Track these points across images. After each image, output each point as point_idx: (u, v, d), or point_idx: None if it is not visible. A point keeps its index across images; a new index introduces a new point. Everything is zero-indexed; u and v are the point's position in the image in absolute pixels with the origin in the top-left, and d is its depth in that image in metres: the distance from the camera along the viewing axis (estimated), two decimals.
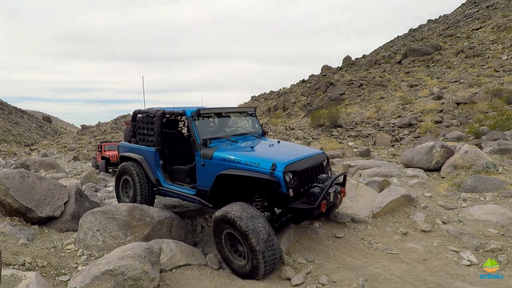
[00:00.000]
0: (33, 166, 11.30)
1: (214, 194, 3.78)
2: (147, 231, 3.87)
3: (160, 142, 4.55)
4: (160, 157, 4.58)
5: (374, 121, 17.63)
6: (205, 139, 3.96)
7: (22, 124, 64.66)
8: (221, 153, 3.76)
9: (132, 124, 5.05)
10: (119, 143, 5.64)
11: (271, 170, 3.24)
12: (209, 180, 3.73)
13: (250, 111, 5.07)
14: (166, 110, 4.58)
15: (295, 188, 3.34)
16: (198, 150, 3.95)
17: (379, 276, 3.06)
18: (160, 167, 4.57)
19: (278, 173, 3.23)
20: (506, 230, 3.87)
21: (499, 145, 7.05)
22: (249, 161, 3.48)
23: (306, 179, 3.55)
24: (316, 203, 3.24)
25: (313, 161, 3.76)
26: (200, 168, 3.91)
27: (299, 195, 3.43)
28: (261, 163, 3.39)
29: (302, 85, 36.36)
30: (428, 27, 45.67)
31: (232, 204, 3.28)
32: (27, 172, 4.61)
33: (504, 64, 21.94)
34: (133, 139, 5.03)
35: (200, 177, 3.96)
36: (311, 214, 3.31)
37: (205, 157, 3.84)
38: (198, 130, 4.03)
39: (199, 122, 4.13)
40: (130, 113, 5.64)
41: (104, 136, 37.72)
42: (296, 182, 3.37)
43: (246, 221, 3.01)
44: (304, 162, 3.59)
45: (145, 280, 2.67)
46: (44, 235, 4.10)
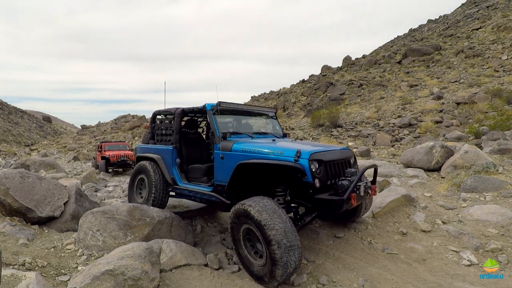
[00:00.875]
0: (33, 166, 11.31)
1: (232, 188, 3.59)
2: (147, 231, 3.87)
3: (178, 140, 4.48)
4: (178, 156, 4.48)
5: (374, 121, 17.63)
6: (225, 132, 3.86)
7: (22, 124, 64.66)
8: (241, 144, 3.60)
9: (151, 125, 5.00)
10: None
11: (295, 157, 3.03)
12: (228, 173, 3.54)
13: (271, 113, 4.91)
14: (186, 108, 4.51)
15: (322, 180, 3.08)
16: (217, 143, 3.80)
17: (379, 276, 3.06)
18: (177, 166, 4.46)
19: (303, 161, 3.00)
20: (506, 230, 3.87)
21: (499, 145, 7.05)
22: (271, 150, 3.28)
23: (333, 172, 3.30)
24: (345, 195, 2.95)
25: (340, 155, 3.52)
26: (219, 161, 3.74)
27: (326, 189, 3.14)
28: (285, 151, 3.19)
29: (302, 85, 36.37)
30: (428, 27, 45.67)
31: (251, 197, 3.09)
32: (27, 172, 4.60)
33: (504, 64, 21.94)
34: (151, 140, 4.97)
35: (218, 171, 3.77)
36: (339, 206, 2.96)
37: (224, 149, 3.69)
38: (218, 124, 3.91)
39: (219, 116, 4.01)
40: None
41: (104, 136, 37.72)
42: (323, 172, 3.12)
43: (260, 210, 2.80)
44: (330, 154, 3.36)
45: (145, 280, 2.67)
46: (44, 235, 4.10)
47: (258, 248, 3.04)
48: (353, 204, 3.03)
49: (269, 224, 2.72)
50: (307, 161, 2.99)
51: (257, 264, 2.98)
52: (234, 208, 3.09)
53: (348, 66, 34.80)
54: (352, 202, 2.99)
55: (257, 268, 2.98)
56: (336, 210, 3.01)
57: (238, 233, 3.13)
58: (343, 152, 3.65)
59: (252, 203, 2.93)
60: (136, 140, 33.21)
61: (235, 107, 4.25)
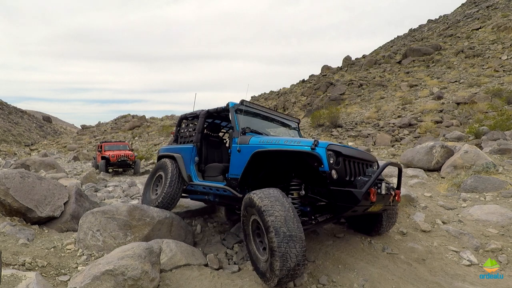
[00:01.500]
0: (33, 166, 11.31)
1: (246, 180, 3.55)
2: (147, 231, 3.87)
3: (199, 139, 4.56)
4: (197, 154, 4.54)
5: (374, 121, 17.63)
6: (244, 127, 3.85)
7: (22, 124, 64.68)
8: (259, 137, 3.61)
9: (176, 129, 5.15)
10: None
11: (312, 145, 2.97)
12: (242, 165, 3.53)
13: (294, 123, 4.89)
14: (210, 109, 4.57)
15: (339, 173, 2.96)
16: (235, 137, 3.81)
17: (380, 276, 3.06)
18: (195, 164, 4.51)
19: (320, 149, 2.94)
20: (506, 230, 3.87)
21: (499, 145, 7.05)
22: (288, 141, 3.25)
23: (352, 169, 3.17)
24: (364, 188, 2.79)
25: (362, 154, 3.41)
26: (235, 154, 3.73)
27: (344, 184, 3.00)
28: (302, 141, 3.17)
29: (302, 85, 36.37)
30: (428, 27, 45.68)
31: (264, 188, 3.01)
32: (27, 172, 4.60)
33: (504, 64, 21.95)
34: (174, 143, 5.09)
35: (234, 164, 3.75)
36: (356, 199, 2.78)
37: (242, 142, 3.68)
38: (238, 120, 3.93)
39: (241, 115, 4.02)
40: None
41: (104, 136, 37.74)
42: (341, 165, 3.00)
43: (262, 197, 2.75)
44: (350, 150, 3.24)
45: (145, 280, 2.67)
46: (44, 235, 4.10)
47: (264, 240, 2.95)
48: (372, 200, 2.81)
49: (269, 210, 2.64)
50: (324, 149, 2.93)
51: (263, 260, 2.91)
52: (245, 197, 3.05)
53: (348, 66, 34.81)
54: (372, 198, 2.80)
55: (262, 264, 2.91)
56: (353, 203, 2.80)
57: (248, 226, 3.09)
58: (365, 154, 3.54)
59: (257, 191, 2.91)
60: (136, 140, 33.22)
61: (258, 109, 4.30)
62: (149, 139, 32.53)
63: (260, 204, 2.73)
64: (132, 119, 43.27)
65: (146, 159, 22.24)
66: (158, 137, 31.64)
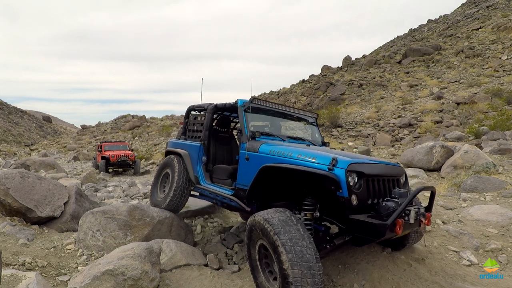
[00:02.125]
0: (33, 166, 11.31)
1: (254, 195, 3.20)
2: (147, 231, 3.87)
3: (207, 137, 4.21)
4: (204, 153, 4.20)
5: (374, 121, 17.63)
6: (254, 131, 3.45)
7: (22, 124, 64.68)
8: (269, 146, 3.19)
9: (184, 121, 4.81)
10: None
11: (330, 165, 2.53)
12: (252, 176, 3.14)
13: (311, 118, 4.45)
14: (219, 104, 4.23)
15: (361, 197, 2.54)
16: (244, 142, 3.43)
17: (380, 276, 3.06)
18: (202, 164, 4.18)
19: (339, 171, 2.50)
20: (506, 230, 3.87)
21: (499, 145, 7.05)
22: (302, 154, 2.82)
23: (376, 190, 2.72)
24: (389, 220, 2.37)
25: (388, 170, 2.94)
26: (243, 162, 3.37)
27: (365, 209, 2.60)
28: (318, 157, 2.70)
29: (302, 85, 36.37)
30: (428, 27, 45.68)
31: (267, 210, 2.68)
32: (27, 172, 4.61)
33: (504, 64, 21.95)
34: (182, 136, 4.77)
35: (242, 173, 3.40)
36: (380, 233, 2.39)
37: (251, 149, 3.30)
38: (248, 121, 3.53)
39: (251, 115, 3.61)
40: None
41: (104, 136, 37.74)
42: (363, 188, 2.57)
43: (277, 225, 2.40)
44: (375, 167, 2.82)
45: (145, 280, 2.67)
46: (44, 235, 4.10)
47: (273, 269, 2.63)
48: (398, 233, 2.43)
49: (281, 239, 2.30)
50: (344, 171, 2.48)
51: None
52: (248, 221, 2.74)
53: (348, 66, 34.81)
54: (397, 230, 2.41)
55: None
56: (375, 237, 2.45)
57: (255, 252, 2.76)
58: (392, 168, 3.07)
59: (264, 213, 2.59)
60: (136, 140, 33.22)
61: (270, 106, 3.88)
62: (149, 139, 32.53)
63: (273, 234, 2.37)
64: (132, 119, 43.28)
65: (146, 159, 22.24)
66: (158, 137, 31.64)
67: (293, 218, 2.50)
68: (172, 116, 45.66)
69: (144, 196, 8.08)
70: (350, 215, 2.50)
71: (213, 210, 5.56)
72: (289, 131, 4.20)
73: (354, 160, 2.65)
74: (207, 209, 5.44)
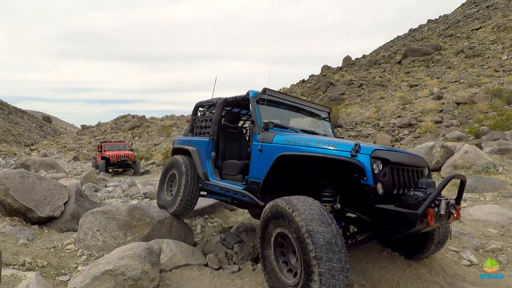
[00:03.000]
0: (33, 166, 11.31)
1: (268, 187, 3.05)
2: (147, 231, 3.87)
3: (216, 132, 4.06)
4: (213, 149, 4.06)
5: (374, 121, 17.63)
6: (267, 122, 3.30)
7: (22, 124, 64.69)
8: (284, 135, 3.04)
9: (192, 118, 4.66)
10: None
11: (352, 151, 2.38)
12: (266, 168, 2.99)
13: (324, 113, 4.29)
14: (228, 98, 4.08)
15: (386, 186, 2.37)
16: (256, 133, 3.28)
17: (380, 276, 3.06)
18: (211, 160, 4.03)
19: (363, 157, 2.34)
20: (506, 230, 3.88)
21: (499, 145, 7.05)
22: (321, 142, 2.66)
23: (401, 180, 2.56)
24: (420, 209, 2.21)
25: (412, 160, 2.79)
26: (256, 154, 3.20)
27: (391, 200, 2.43)
28: (339, 145, 2.55)
29: (302, 85, 36.37)
30: (428, 27, 45.68)
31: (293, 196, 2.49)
32: (27, 172, 4.61)
33: (504, 64, 21.95)
34: (189, 133, 4.62)
35: (255, 165, 3.24)
36: (410, 223, 2.22)
37: (264, 140, 3.14)
38: (260, 113, 3.39)
39: (263, 106, 3.46)
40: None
41: (104, 136, 37.74)
42: (388, 176, 2.41)
43: (303, 211, 2.20)
44: (400, 155, 2.65)
45: (145, 280, 2.67)
46: (44, 235, 4.10)
47: (291, 262, 2.45)
48: (430, 224, 2.26)
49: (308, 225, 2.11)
50: (368, 157, 2.33)
51: (290, 284, 2.37)
52: (265, 208, 2.58)
53: (348, 66, 34.81)
54: (429, 221, 2.24)
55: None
56: (404, 228, 2.27)
57: (269, 241, 2.57)
58: (417, 158, 2.91)
59: (287, 198, 2.39)
60: (136, 140, 33.23)
61: (283, 98, 3.73)
62: (149, 139, 32.54)
63: (295, 215, 2.19)
64: (132, 119, 43.29)
65: (146, 159, 22.25)
66: (158, 137, 31.65)
67: (319, 205, 2.31)
68: (172, 116, 45.67)
69: (144, 196, 8.08)
70: (376, 204, 2.37)
71: (213, 210, 5.56)
72: (302, 124, 4.03)
73: (378, 147, 2.49)
74: (207, 209, 5.44)
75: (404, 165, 2.62)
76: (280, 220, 2.37)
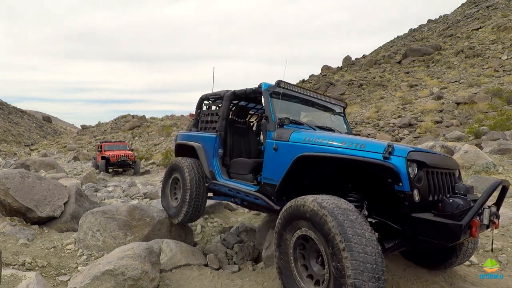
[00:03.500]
0: (33, 166, 11.31)
1: (286, 190, 2.79)
2: (147, 231, 3.87)
3: (223, 127, 3.79)
4: (221, 146, 3.80)
5: (374, 121, 17.63)
6: (282, 118, 3.03)
7: (22, 124, 64.69)
8: (302, 133, 2.80)
9: (196, 112, 4.37)
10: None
11: (385, 153, 2.13)
12: (282, 169, 2.74)
13: (339, 108, 4.03)
14: (237, 90, 3.80)
15: (422, 192, 2.13)
16: (271, 130, 3.02)
17: None
18: (218, 158, 3.78)
19: (398, 160, 2.09)
20: (506, 230, 3.88)
21: (499, 145, 7.05)
22: (347, 141, 2.41)
23: (437, 184, 2.31)
24: (465, 219, 1.96)
25: (445, 161, 2.54)
26: (271, 153, 2.94)
27: (426, 208, 2.20)
28: (368, 145, 2.29)
29: (302, 85, 36.39)
30: (428, 27, 45.69)
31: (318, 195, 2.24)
32: (27, 172, 4.61)
33: (504, 64, 21.96)
34: (194, 128, 4.37)
35: (269, 165, 2.97)
36: (455, 235, 1.98)
37: (280, 138, 2.88)
38: (274, 107, 3.12)
39: (277, 100, 3.17)
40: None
41: (104, 136, 37.75)
42: (424, 182, 2.16)
43: (336, 213, 1.96)
44: (435, 157, 2.41)
45: (145, 280, 2.67)
46: (44, 235, 4.10)
47: (313, 269, 2.22)
48: (474, 236, 2.04)
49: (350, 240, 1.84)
50: (404, 160, 2.08)
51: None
52: (285, 207, 2.34)
53: (348, 66, 34.82)
54: (473, 233, 2.01)
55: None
56: (447, 241, 2.04)
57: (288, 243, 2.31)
58: (449, 159, 2.64)
59: (316, 197, 2.13)
60: (136, 140, 33.23)
61: (298, 92, 3.46)
62: (149, 139, 32.55)
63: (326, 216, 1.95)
64: (132, 119, 43.31)
65: (146, 159, 22.25)
66: (158, 137, 31.65)
67: (354, 208, 2.07)
68: (172, 116, 45.69)
69: (144, 196, 8.08)
70: (412, 213, 2.11)
71: (213, 210, 5.57)
72: (316, 119, 3.75)
73: (412, 147, 2.25)
74: (207, 209, 5.44)
75: (439, 168, 2.38)
76: (305, 221, 2.13)
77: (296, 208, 2.20)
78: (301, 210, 2.15)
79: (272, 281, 3.12)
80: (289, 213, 2.27)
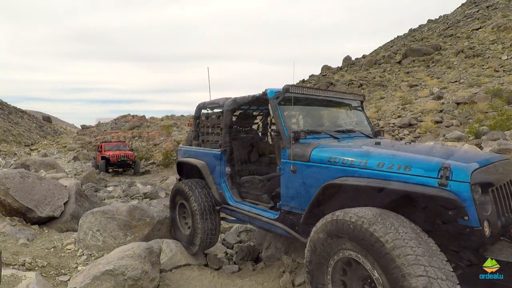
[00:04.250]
0: (33, 166, 11.31)
1: (313, 218, 2.25)
2: (147, 231, 3.87)
3: (228, 142, 3.37)
4: (227, 163, 3.38)
5: (374, 121, 17.63)
6: (298, 131, 2.57)
7: (22, 124, 64.69)
8: (326, 150, 2.35)
9: (195, 122, 3.95)
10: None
11: (441, 178, 1.67)
12: (304, 195, 2.38)
13: (356, 102, 3.51)
14: (238, 98, 3.35)
15: (492, 222, 1.72)
16: (285, 148, 2.57)
17: None
18: (226, 178, 3.38)
19: (460, 186, 1.64)
20: None
21: (499, 145, 7.04)
22: (386, 161, 1.93)
23: (504, 204, 1.88)
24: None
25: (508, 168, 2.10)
26: (288, 176, 2.52)
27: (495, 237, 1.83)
28: (416, 165, 1.82)
29: (302, 85, 36.40)
30: (428, 27, 45.68)
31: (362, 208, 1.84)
32: (27, 172, 4.61)
33: (504, 64, 21.95)
34: (194, 141, 3.92)
35: (288, 190, 2.55)
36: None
37: (298, 158, 2.44)
38: (285, 119, 2.69)
39: (287, 107, 2.74)
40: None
41: (104, 136, 37.75)
42: (492, 208, 1.75)
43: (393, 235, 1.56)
44: (498, 169, 1.97)
45: (145, 280, 2.67)
46: (44, 235, 4.10)
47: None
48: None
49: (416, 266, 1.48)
50: (468, 186, 1.63)
51: None
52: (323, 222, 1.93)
53: (348, 66, 34.82)
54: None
55: None
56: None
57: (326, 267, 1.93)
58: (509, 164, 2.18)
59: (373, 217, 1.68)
60: (136, 140, 33.24)
61: (309, 93, 2.99)
62: (149, 139, 32.55)
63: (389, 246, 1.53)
64: (132, 119, 43.30)
65: (146, 159, 22.24)
66: (158, 137, 31.66)
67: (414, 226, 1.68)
68: (172, 116, 45.70)
69: (144, 196, 8.08)
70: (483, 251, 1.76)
71: None
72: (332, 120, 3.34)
73: (475, 165, 1.77)
74: None
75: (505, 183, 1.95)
76: (349, 241, 1.73)
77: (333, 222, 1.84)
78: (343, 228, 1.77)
79: (272, 281, 3.12)
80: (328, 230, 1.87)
